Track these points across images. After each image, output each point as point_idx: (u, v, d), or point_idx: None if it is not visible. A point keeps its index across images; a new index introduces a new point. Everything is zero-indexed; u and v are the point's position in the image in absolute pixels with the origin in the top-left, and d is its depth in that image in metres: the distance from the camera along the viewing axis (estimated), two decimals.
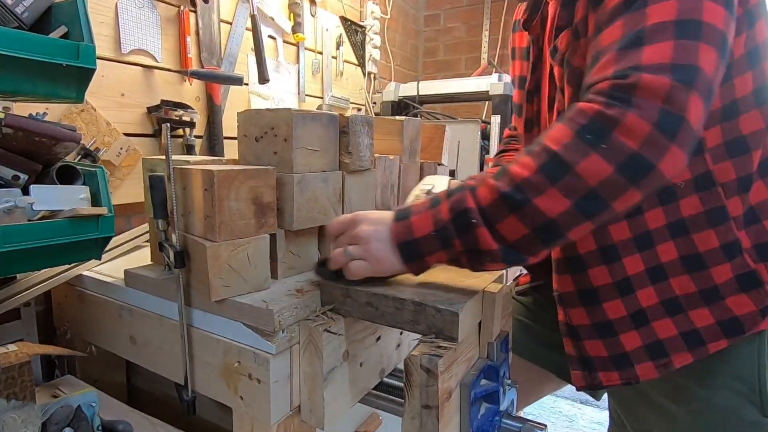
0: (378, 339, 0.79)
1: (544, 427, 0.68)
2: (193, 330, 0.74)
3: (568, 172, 0.54)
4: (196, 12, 1.31)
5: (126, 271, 0.83)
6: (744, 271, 0.64)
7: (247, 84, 1.50)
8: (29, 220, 0.70)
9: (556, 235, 0.57)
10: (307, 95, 1.77)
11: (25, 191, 0.71)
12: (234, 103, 1.45)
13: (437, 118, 2.02)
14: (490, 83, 1.85)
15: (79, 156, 1.01)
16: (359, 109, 2.14)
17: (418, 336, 0.64)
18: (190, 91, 1.32)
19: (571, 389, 0.95)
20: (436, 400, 0.58)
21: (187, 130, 1.26)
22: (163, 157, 0.71)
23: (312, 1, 1.77)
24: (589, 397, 1.01)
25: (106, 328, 0.89)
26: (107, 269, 0.94)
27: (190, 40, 1.28)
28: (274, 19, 1.58)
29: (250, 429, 0.71)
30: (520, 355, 0.95)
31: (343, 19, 1.97)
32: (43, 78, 0.69)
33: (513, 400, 0.75)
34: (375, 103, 2.20)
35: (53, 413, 0.72)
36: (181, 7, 1.27)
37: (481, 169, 1.87)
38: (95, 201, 0.79)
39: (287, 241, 0.78)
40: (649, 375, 0.70)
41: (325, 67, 1.87)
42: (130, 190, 1.16)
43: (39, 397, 0.74)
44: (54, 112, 0.98)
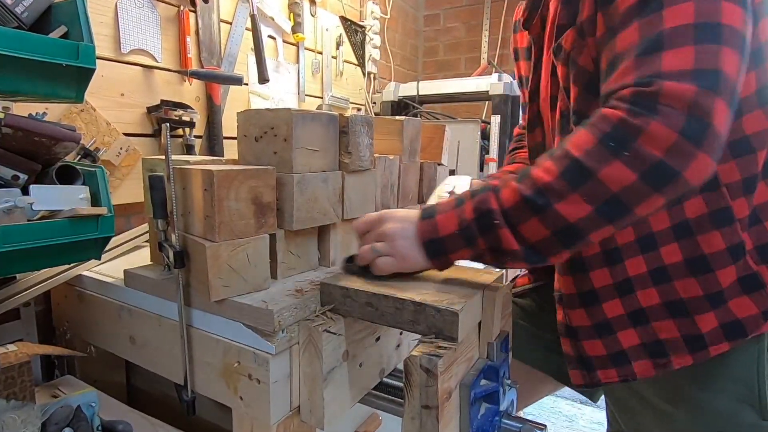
0: (378, 339, 0.79)
1: (543, 427, 0.68)
2: (192, 330, 0.74)
3: (590, 179, 0.54)
4: (195, 12, 1.31)
5: (125, 271, 0.83)
6: (747, 273, 0.64)
7: (246, 84, 1.50)
8: (29, 220, 0.70)
9: (578, 238, 0.58)
10: (306, 95, 1.77)
11: (25, 191, 0.71)
12: (234, 103, 1.45)
13: (437, 118, 2.01)
14: (490, 83, 1.85)
15: (79, 156, 1.01)
16: (359, 109, 2.14)
17: (418, 336, 0.64)
18: (190, 91, 1.32)
19: (572, 389, 0.95)
20: (436, 401, 0.58)
21: (186, 130, 1.26)
22: (163, 157, 0.71)
23: (312, 1, 1.77)
24: None
25: (106, 328, 0.89)
26: (107, 269, 0.94)
27: (190, 40, 1.28)
28: (273, 19, 1.58)
29: (249, 429, 0.71)
30: (517, 358, 0.95)
31: (343, 18, 1.97)
32: (42, 78, 0.69)
33: (513, 400, 0.75)
34: (375, 103, 2.20)
35: (53, 413, 0.72)
36: (181, 7, 1.27)
37: (481, 169, 1.87)
38: (95, 201, 0.79)
39: (287, 241, 0.78)
40: (647, 373, 0.71)
41: (325, 67, 1.87)
42: (129, 190, 1.16)
43: (39, 397, 0.74)
44: (54, 112, 0.98)
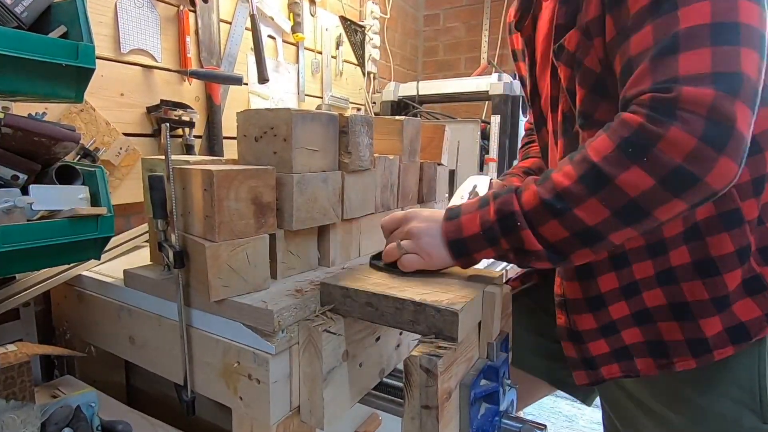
0: (378, 339, 0.79)
1: (543, 427, 0.68)
2: (192, 330, 0.74)
3: (608, 184, 0.55)
4: (195, 12, 1.31)
5: (125, 271, 0.83)
6: (750, 275, 0.63)
7: (246, 84, 1.50)
8: (28, 220, 0.70)
9: (598, 240, 0.58)
10: (306, 95, 1.77)
11: (25, 191, 0.71)
12: (233, 102, 1.45)
13: (437, 118, 2.01)
14: (490, 83, 1.85)
15: (79, 156, 1.01)
16: (359, 109, 2.14)
17: (418, 336, 0.64)
18: (190, 91, 1.32)
19: (565, 392, 0.95)
20: (436, 401, 0.58)
21: (186, 129, 1.26)
22: (163, 157, 0.71)
23: (311, 1, 1.77)
24: None
25: (106, 328, 0.89)
26: (106, 269, 0.94)
27: (190, 40, 1.28)
28: (273, 19, 1.58)
29: (249, 429, 0.71)
30: (510, 363, 0.95)
31: (343, 18, 1.97)
32: (42, 78, 0.69)
33: (513, 400, 0.75)
34: (374, 102, 2.20)
35: (52, 413, 0.72)
36: (181, 7, 1.27)
37: (480, 169, 1.87)
38: (94, 201, 0.79)
39: (287, 241, 0.78)
40: (649, 371, 0.70)
41: (325, 66, 1.87)
42: (129, 190, 1.16)
43: (38, 397, 0.74)
44: (53, 111, 0.98)
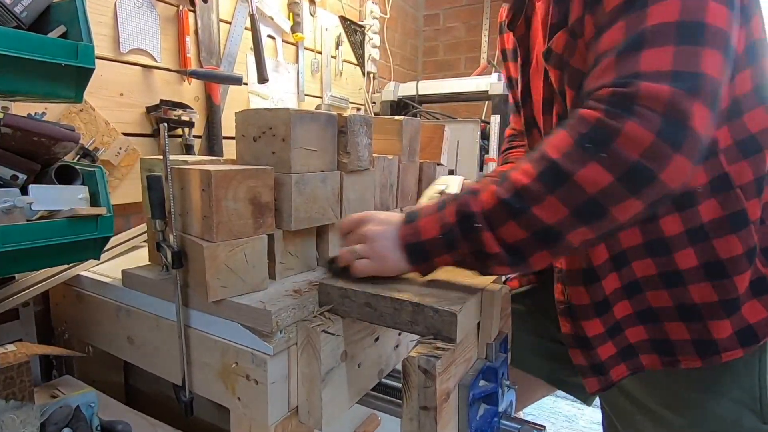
0: (376, 340, 0.79)
1: (543, 428, 0.68)
2: (190, 331, 0.74)
3: (567, 181, 0.53)
4: (195, 11, 1.31)
5: (124, 272, 0.83)
6: (757, 276, 0.63)
7: (246, 84, 1.50)
8: (28, 220, 0.70)
9: (557, 241, 0.56)
10: (306, 95, 1.77)
11: (24, 191, 0.71)
12: (233, 102, 1.45)
13: (436, 118, 2.01)
14: (490, 83, 1.85)
15: (78, 156, 1.01)
16: (358, 109, 2.14)
17: (417, 337, 0.64)
18: (189, 91, 1.32)
19: (564, 392, 0.94)
20: (435, 402, 0.58)
21: (186, 129, 1.26)
22: (161, 156, 0.71)
23: (311, 1, 1.77)
24: None
25: (104, 328, 0.89)
26: (105, 269, 0.94)
27: (189, 40, 1.28)
28: (273, 19, 1.58)
29: (248, 430, 0.71)
30: (509, 362, 0.94)
31: (343, 18, 1.97)
32: (41, 78, 0.69)
33: (512, 401, 0.75)
34: (374, 102, 2.20)
35: (52, 413, 0.72)
36: (180, 7, 1.27)
37: (480, 169, 1.87)
38: (94, 201, 0.79)
39: (285, 241, 0.78)
40: (655, 365, 0.70)
41: (325, 66, 1.87)
42: (128, 189, 1.16)
43: (38, 397, 0.74)
44: (53, 111, 0.98)
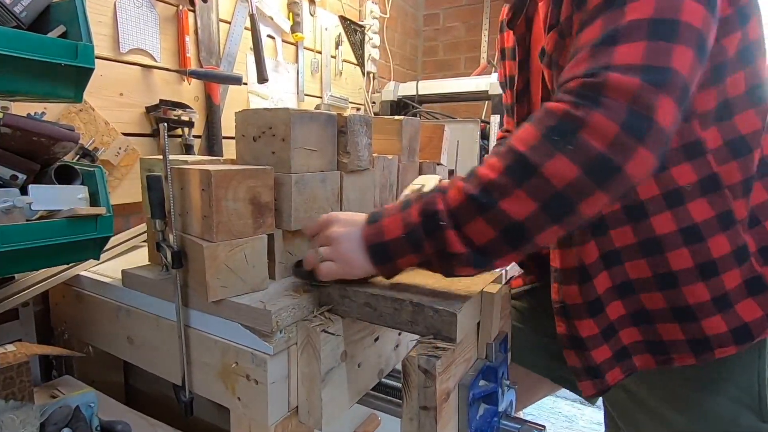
0: (376, 339, 0.79)
1: (542, 428, 0.68)
2: (190, 330, 0.74)
3: (534, 174, 0.53)
4: (194, 11, 1.31)
5: (123, 272, 0.83)
6: (752, 275, 0.63)
7: (245, 83, 1.50)
8: (27, 220, 0.70)
9: (524, 239, 0.55)
10: (306, 95, 1.77)
11: (24, 191, 0.71)
12: (233, 102, 1.45)
13: (436, 118, 2.01)
14: (490, 83, 1.85)
15: (78, 156, 1.01)
16: (358, 109, 2.14)
17: (417, 336, 0.64)
18: (189, 91, 1.32)
19: (567, 389, 0.94)
20: (434, 401, 0.58)
21: (185, 129, 1.26)
22: (161, 156, 0.71)
23: (311, 1, 1.77)
24: None
25: (104, 328, 0.89)
26: (105, 269, 0.94)
27: (189, 40, 1.28)
28: (273, 19, 1.58)
29: (247, 430, 0.71)
30: (513, 360, 0.94)
31: (342, 18, 1.97)
32: (41, 77, 0.69)
33: (512, 400, 0.75)
34: (374, 102, 2.20)
35: (52, 414, 0.72)
36: (180, 7, 1.27)
37: None
38: (94, 201, 0.79)
39: (285, 241, 0.78)
40: (648, 365, 0.70)
41: (324, 66, 1.87)
42: (128, 189, 1.16)
43: (37, 397, 0.74)
44: (52, 111, 0.98)
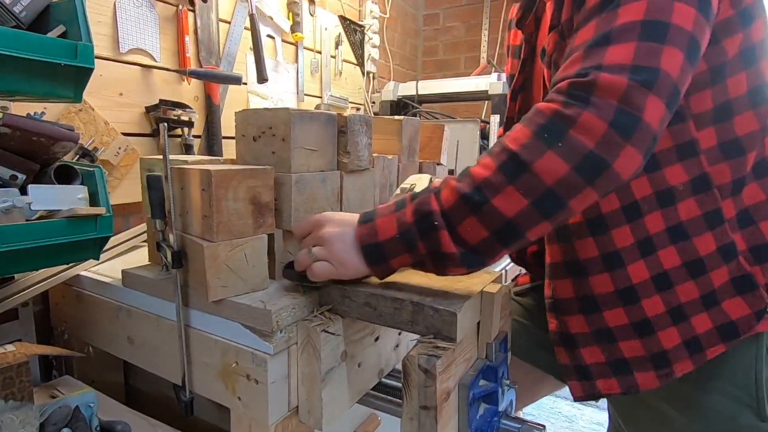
0: (376, 339, 0.79)
1: (543, 427, 0.68)
2: (190, 330, 0.74)
3: (526, 171, 0.54)
4: (194, 11, 1.31)
5: (123, 272, 0.82)
6: (739, 274, 0.64)
7: (245, 83, 1.50)
8: (27, 220, 0.70)
9: (515, 236, 0.57)
10: (305, 95, 1.77)
11: (23, 191, 0.71)
12: (232, 102, 1.45)
13: (436, 118, 2.01)
14: (490, 83, 1.85)
15: (78, 156, 1.01)
16: (358, 109, 2.13)
17: (417, 336, 0.64)
18: (189, 91, 1.31)
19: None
20: (435, 401, 0.58)
21: (185, 129, 1.26)
22: (161, 156, 0.71)
23: (311, 1, 1.77)
24: None
25: (104, 328, 0.89)
26: (105, 269, 0.94)
27: (189, 40, 1.28)
28: (272, 19, 1.58)
29: (248, 429, 0.71)
30: (518, 355, 0.94)
31: (342, 18, 1.97)
32: (41, 77, 0.68)
33: (512, 400, 0.75)
34: (374, 102, 2.20)
35: (51, 414, 0.72)
36: (180, 7, 1.27)
37: None
38: (93, 201, 0.79)
39: (285, 241, 0.78)
40: (651, 384, 0.69)
41: (324, 66, 1.87)
42: (128, 189, 1.16)
43: (37, 397, 0.74)
44: (52, 111, 0.98)
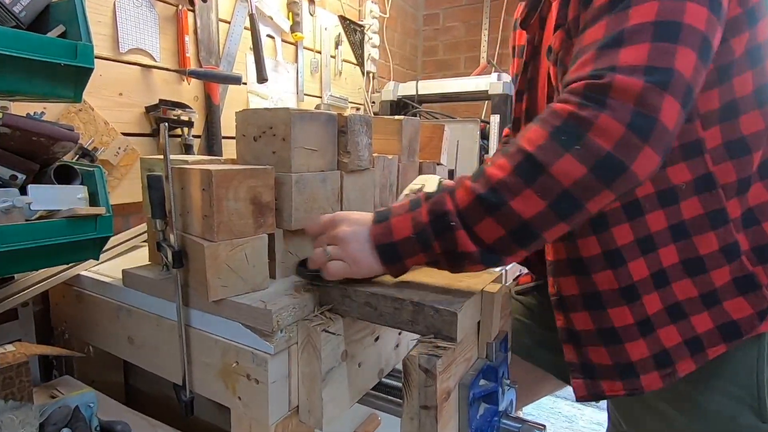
0: (377, 339, 0.79)
1: (543, 427, 0.68)
2: (191, 330, 0.74)
3: (543, 173, 0.54)
4: (194, 11, 1.31)
5: (124, 271, 0.82)
6: (742, 273, 0.64)
7: (245, 83, 1.50)
8: (27, 220, 0.70)
9: (532, 237, 0.57)
10: (305, 95, 1.77)
11: (23, 191, 0.71)
12: (232, 102, 1.45)
13: (436, 118, 2.01)
14: (490, 82, 1.85)
15: (77, 155, 1.01)
16: (358, 109, 2.13)
17: (417, 336, 0.64)
18: (189, 91, 1.31)
19: (571, 389, 0.95)
20: (435, 401, 0.58)
21: (185, 129, 1.26)
22: (161, 156, 0.71)
23: (311, 1, 1.77)
24: None
25: (104, 328, 0.89)
26: (105, 269, 0.93)
27: (189, 40, 1.28)
28: (272, 18, 1.58)
29: (248, 429, 0.71)
30: (519, 354, 0.95)
31: (342, 18, 1.97)
32: (40, 77, 0.68)
33: (512, 400, 0.75)
34: (374, 102, 2.20)
35: (51, 414, 0.71)
36: (180, 6, 1.27)
37: None
38: (93, 201, 0.79)
39: (286, 240, 0.78)
40: (655, 385, 0.69)
41: (324, 66, 1.87)
42: (128, 189, 1.15)
43: (37, 397, 0.73)
44: (52, 111, 0.98)
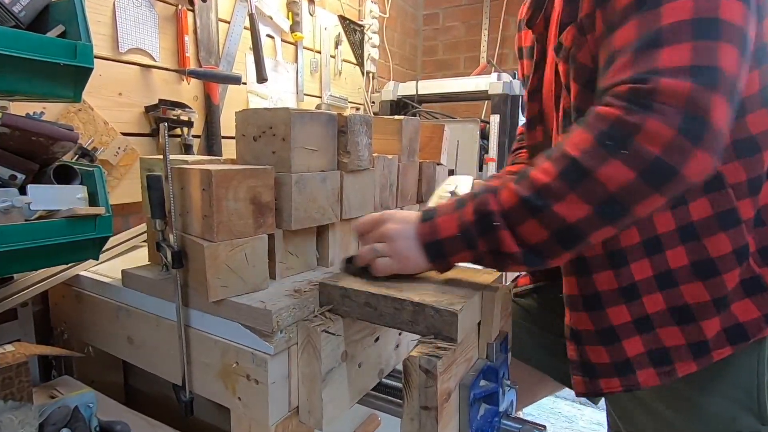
0: (377, 339, 0.79)
1: (543, 428, 0.68)
2: (190, 330, 0.74)
3: (588, 178, 0.54)
4: (194, 11, 1.31)
5: (123, 272, 0.82)
6: (749, 275, 0.63)
7: (245, 83, 1.50)
8: (26, 220, 0.70)
9: (578, 239, 0.57)
10: (305, 94, 1.77)
11: (23, 191, 0.71)
12: (232, 102, 1.45)
13: (436, 118, 2.01)
14: (489, 82, 1.85)
15: (77, 155, 1.01)
16: (358, 109, 2.13)
17: (417, 336, 0.64)
18: (188, 91, 1.31)
19: (571, 390, 0.95)
20: (435, 401, 0.58)
21: (185, 129, 1.26)
22: (161, 156, 0.70)
23: (310, 0, 1.77)
24: None
25: (104, 328, 0.89)
26: (105, 269, 0.93)
27: (188, 39, 1.28)
28: (272, 18, 1.58)
29: (248, 430, 0.71)
30: (517, 357, 0.94)
31: (342, 18, 1.97)
32: (40, 77, 0.68)
33: (512, 400, 0.75)
34: (374, 102, 2.19)
35: (50, 414, 0.71)
36: (179, 6, 1.26)
37: (480, 169, 1.87)
38: (93, 201, 0.79)
39: (285, 241, 0.78)
40: (651, 381, 0.69)
41: (324, 66, 1.86)
42: (127, 189, 1.15)
43: (36, 397, 0.73)
44: (51, 111, 0.98)
